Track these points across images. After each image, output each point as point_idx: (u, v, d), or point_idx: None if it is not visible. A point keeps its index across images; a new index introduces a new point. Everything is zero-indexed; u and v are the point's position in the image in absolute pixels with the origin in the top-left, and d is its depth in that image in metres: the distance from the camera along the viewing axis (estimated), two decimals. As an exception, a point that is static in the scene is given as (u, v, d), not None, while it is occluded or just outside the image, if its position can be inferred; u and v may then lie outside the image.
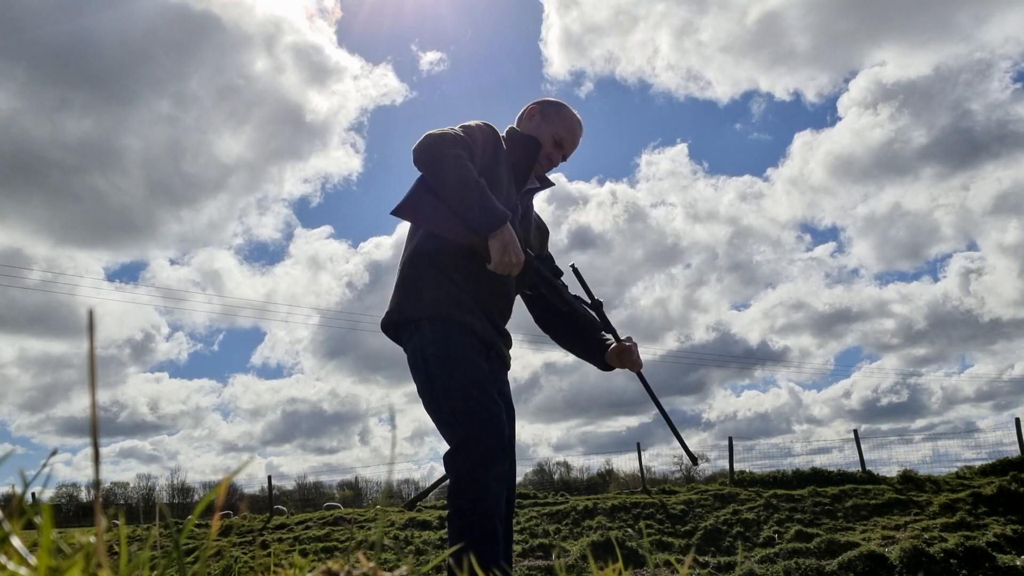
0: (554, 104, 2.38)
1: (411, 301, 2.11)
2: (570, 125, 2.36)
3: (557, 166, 2.41)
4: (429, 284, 2.09)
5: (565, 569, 7.68)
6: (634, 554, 8.19)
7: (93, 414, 0.48)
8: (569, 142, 2.37)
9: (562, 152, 2.37)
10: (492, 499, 1.88)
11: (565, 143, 2.36)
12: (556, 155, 2.36)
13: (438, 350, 2.01)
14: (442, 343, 2.02)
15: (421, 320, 2.06)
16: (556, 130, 2.34)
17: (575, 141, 2.39)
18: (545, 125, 2.34)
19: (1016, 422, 11.84)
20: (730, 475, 12.95)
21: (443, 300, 2.07)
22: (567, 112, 2.38)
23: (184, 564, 0.52)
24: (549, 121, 2.35)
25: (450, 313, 2.05)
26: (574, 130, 2.38)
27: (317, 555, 9.79)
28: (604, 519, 10.56)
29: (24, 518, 0.53)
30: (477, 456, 1.89)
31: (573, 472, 33.19)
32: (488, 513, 1.87)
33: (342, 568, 0.61)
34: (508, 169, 2.24)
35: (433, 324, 2.05)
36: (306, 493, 28.86)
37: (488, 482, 1.88)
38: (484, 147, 2.14)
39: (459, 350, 2.01)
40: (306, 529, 11.92)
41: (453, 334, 2.03)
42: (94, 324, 0.46)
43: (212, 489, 0.57)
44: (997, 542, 7.33)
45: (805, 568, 7.05)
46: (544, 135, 2.33)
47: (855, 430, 13.70)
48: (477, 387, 1.97)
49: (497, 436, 1.91)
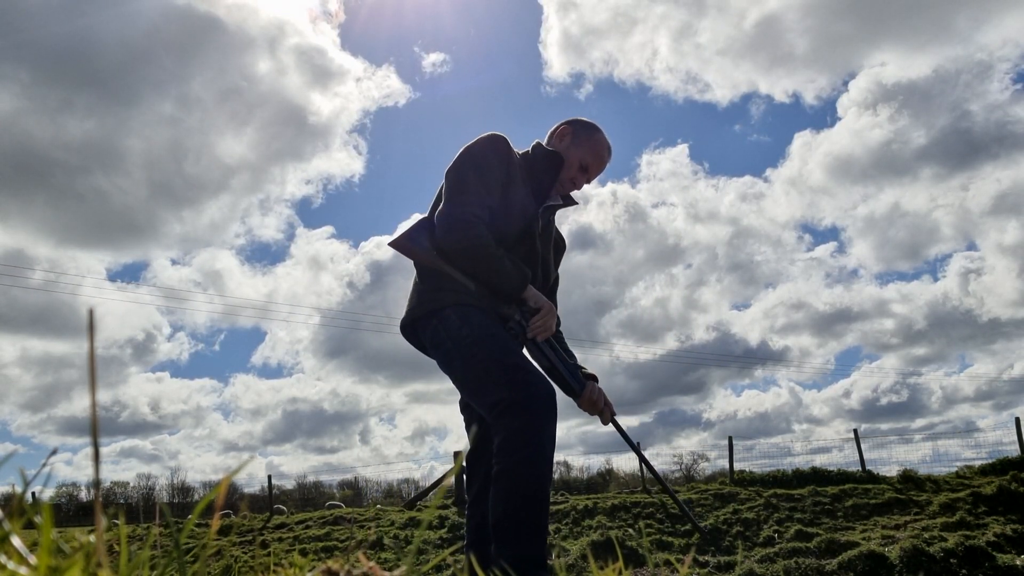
0: (587, 127, 2.37)
1: (433, 294, 2.13)
2: (598, 151, 2.36)
3: (580, 189, 2.40)
4: (450, 278, 2.12)
5: (565, 569, 7.68)
6: (634, 553, 8.19)
7: (93, 414, 0.48)
8: (596, 168, 2.37)
9: (586, 176, 2.37)
10: (544, 460, 1.84)
11: (591, 168, 2.36)
12: (580, 179, 2.36)
13: (471, 331, 2.03)
14: (473, 324, 2.04)
15: (445, 308, 2.08)
16: (584, 155, 2.33)
17: (602, 166, 2.39)
18: (574, 149, 2.34)
19: (1016, 422, 11.84)
20: (730, 474, 12.95)
21: (465, 291, 2.09)
22: (598, 137, 2.37)
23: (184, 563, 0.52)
24: (579, 145, 2.34)
25: (473, 300, 2.08)
26: (602, 156, 2.37)
27: (317, 555, 9.78)
28: (604, 518, 10.56)
29: (24, 518, 0.53)
30: (530, 413, 1.86)
31: (573, 472, 33.27)
32: (540, 476, 1.82)
33: (342, 568, 0.61)
34: (528, 183, 2.25)
35: (457, 309, 2.07)
36: (306, 493, 28.87)
37: (543, 440, 1.84)
38: (500, 167, 2.16)
39: (491, 327, 2.04)
40: (306, 529, 11.92)
41: (481, 315, 2.06)
42: (94, 324, 0.46)
43: (212, 488, 0.57)
44: (997, 542, 7.33)
45: (805, 568, 7.05)
46: (572, 158, 2.33)
47: (855, 430, 13.71)
48: (518, 355, 2.01)
49: (549, 395, 1.91)
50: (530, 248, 2.22)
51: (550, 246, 2.39)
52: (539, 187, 2.29)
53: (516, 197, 2.18)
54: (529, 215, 2.21)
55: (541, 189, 2.29)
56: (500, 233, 2.12)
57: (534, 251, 2.24)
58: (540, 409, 1.87)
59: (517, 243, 2.18)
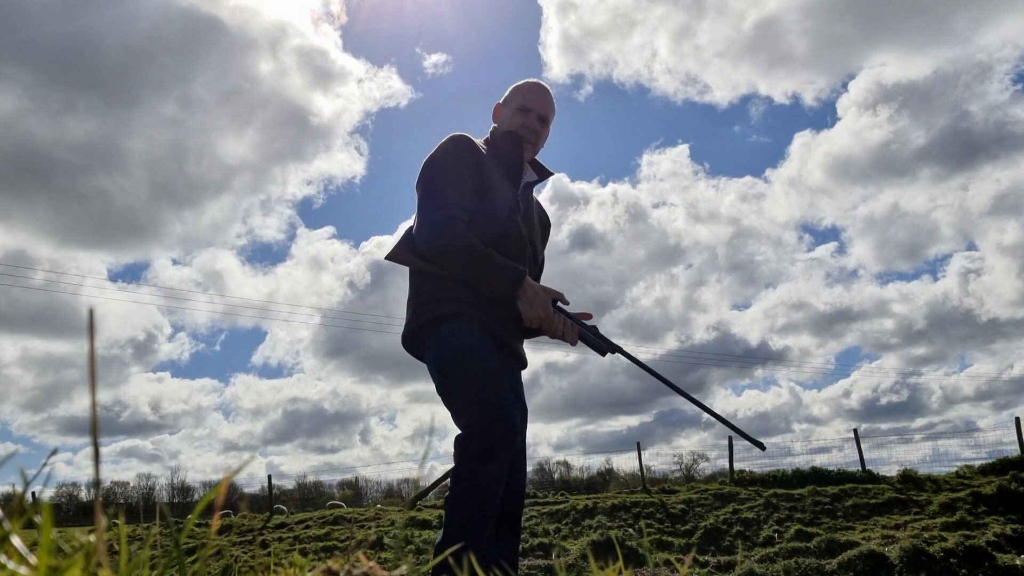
0: (510, 89, 2.42)
1: (427, 307, 2.14)
2: (525, 90, 2.38)
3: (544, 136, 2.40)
4: (444, 287, 2.12)
5: (565, 568, 7.68)
6: (634, 553, 8.19)
7: (93, 413, 0.48)
8: (534, 102, 2.36)
9: (535, 115, 2.35)
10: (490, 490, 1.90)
11: (530, 105, 2.35)
12: (531, 121, 2.34)
13: (457, 345, 2.05)
14: (459, 338, 2.06)
15: (443, 320, 2.10)
16: (517, 103, 2.35)
17: (542, 99, 2.37)
18: (508, 110, 2.37)
19: (1016, 421, 11.84)
20: (730, 474, 12.95)
21: (459, 299, 2.10)
22: (521, 84, 2.41)
23: (184, 563, 0.52)
24: (508, 103, 2.38)
25: (467, 312, 2.08)
26: (532, 91, 2.38)
27: (317, 554, 9.78)
28: (604, 518, 10.56)
29: (24, 517, 0.53)
30: (484, 444, 1.90)
31: (573, 471, 33.23)
32: (483, 504, 1.88)
33: (342, 568, 0.61)
34: (499, 170, 2.26)
35: (450, 322, 2.08)
36: (306, 492, 28.86)
37: (490, 471, 1.89)
38: (469, 169, 2.17)
39: (476, 345, 2.04)
40: (306, 528, 11.92)
41: (470, 330, 2.06)
42: (94, 323, 0.46)
43: (212, 488, 0.57)
44: (997, 541, 7.33)
45: (805, 567, 7.05)
46: (513, 115, 2.34)
47: (855, 429, 13.73)
48: (492, 378, 1.99)
49: (506, 426, 1.92)
50: (518, 238, 2.22)
51: (535, 225, 2.39)
52: (510, 169, 2.30)
53: (493, 188, 2.18)
54: (510, 201, 2.22)
55: (513, 170, 2.30)
56: (486, 230, 2.13)
57: (522, 240, 2.24)
58: (493, 443, 1.90)
59: (505, 235, 2.18)
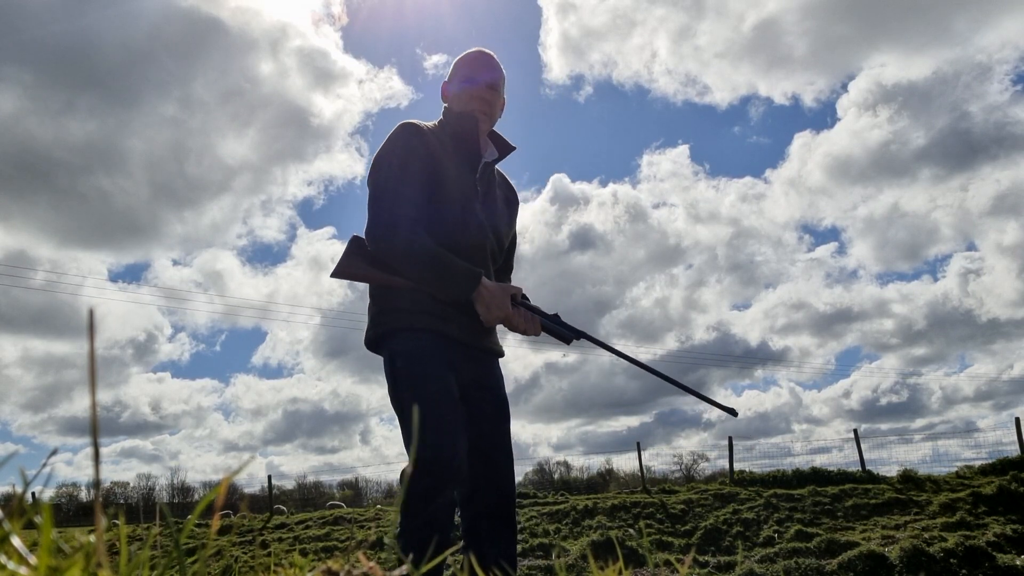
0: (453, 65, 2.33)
1: (385, 315, 2.09)
2: (469, 60, 2.29)
3: (499, 105, 2.31)
4: (397, 297, 2.08)
5: (565, 568, 7.68)
6: (634, 553, 8.19)
7: (93, 414, 0.48)
8: (479, 71, 2.27)
9: (483, 83, 2.26)
10: (440, 521, 1.88)
11: (476, 74, 2.26)
12: (481, 91, 2.25)
13: (405, 364, 2.00)
14: (409, 356, 2.01)
15: (394, 331, 2.05)
16: (462, 76, 2.27)
17: (487, 65, 2.28)
18: (454, 85, 2.28)
19: (1016, 422, 11.84)
20: (730, 475, 12.95)
21: (416, 309, 2.05)
22: (463, 55, 2.32)
23: (184, 564, 0.52)
24: (453, 78, 2.29)
25: (423, 322, 2.03)
26: (476, 60, 2.29)
27: (317, 555, 9.78)
28: (604, 519, 10.56)
29: (24, 518, 0.53)
30: (428, 482, 1.86)
31: (573, 472, 33.22)
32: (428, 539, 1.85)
33: (342, 568, 0.61)
34: (454, 156, 2.18)
35: (404, 336, 2.04)
36: (306, 493, 28.85)
37: (437, 506, 1.87)
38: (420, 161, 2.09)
39: (425, 366, 1.99)
40: (306, 529, 11.92)
41: (423, 346, 2.01)
42: (94, 324, 0.46)
43: (212, 488, 0.57)
44: (997, 542, 7.33)
45: (805, 568, 7.05)
46: (460, 90, 2.26)
47: (855, 430, 13.72)
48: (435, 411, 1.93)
49: (443, 467, 1.88)
50: (477, 229, 2.15)
51: (497, 207, 2.29)
52: (467, 153, 2.22)
53: (447, 178, 2.11)
54: (467, 189, 2.15)
55: (470, 154, 2.22)
56: (440, 228, 2.07)
57: (482, 231, 2.16)
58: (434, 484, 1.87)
59: (461, 231, 2.12)
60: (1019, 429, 11.76)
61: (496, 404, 2.18)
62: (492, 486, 2.11)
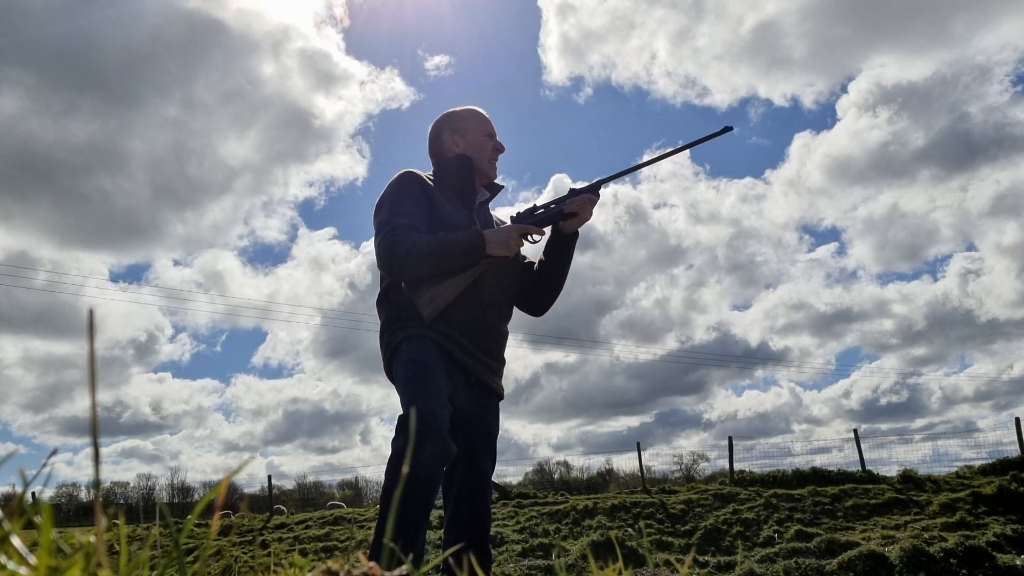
0: (454, 118, 2.44)
1: (391, 336, 2.21)
2: (483, 119, 2.45)
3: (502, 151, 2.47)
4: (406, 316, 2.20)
5: (565, 568, 7.68)
6: (634, 553, 8.19)
7: (93, 414, 0.48)
8: (492, 128, 2.45)
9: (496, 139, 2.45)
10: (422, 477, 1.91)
11: (491, 130, 2.45)
12: (498, 145, 2.44)
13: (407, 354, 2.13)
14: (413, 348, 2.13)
15: (400, 344, 2.17)
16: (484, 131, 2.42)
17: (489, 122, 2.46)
18: (475, 137, 2.41)
19: (1016, 422, 11.84)
20: (730, 475, 12.95)
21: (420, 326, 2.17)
22: (470, 112, 2.46)
23: (184, 564, 0.52)
24: (470, 131, 2.41)
25: (425, 332, 2.16)
26: (487, 119, 2.46)
27: (317, 555, 9.78)
28: (604, 519, 10.56)
29: (24, 518, 0.53)
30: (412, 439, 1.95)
31: (573, 472, 33.20)
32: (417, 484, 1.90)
33: (342, 568, 0.61)
34: (451, 197, 2.31)
35: (409, 341, 2.15)
36: (306, 493, 28.84)
37: (419, 460, 1.92)
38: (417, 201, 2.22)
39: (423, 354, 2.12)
40: (306, 529, 11.92)
41: (422, 346, 2.14)
42: (94, 324, 0.46)
43: (212, 488, 0.57)
44: (997, 542, 7.33)
45: (805, 568, 7.05)
46: (483, 142, 2.40)
47: (855, 430, 13.72)
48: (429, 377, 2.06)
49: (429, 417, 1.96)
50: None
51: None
52: (463, 193, 2.35)
53: (443, 210, 2.24)
54: (464, 221, 2.27)
55: (466, 193, 2.35)
56: None
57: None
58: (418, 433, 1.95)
59: None
60: (1019, 429, 11.76)
61: (488, 443, 2.29)
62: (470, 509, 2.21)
